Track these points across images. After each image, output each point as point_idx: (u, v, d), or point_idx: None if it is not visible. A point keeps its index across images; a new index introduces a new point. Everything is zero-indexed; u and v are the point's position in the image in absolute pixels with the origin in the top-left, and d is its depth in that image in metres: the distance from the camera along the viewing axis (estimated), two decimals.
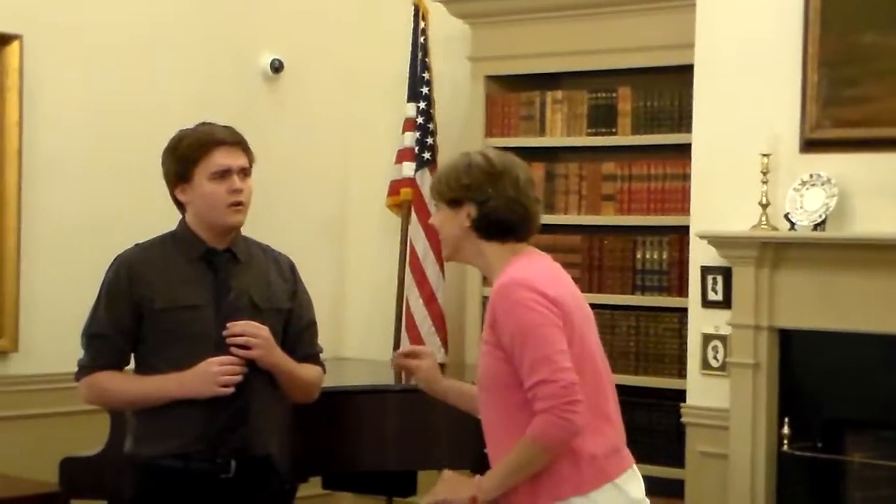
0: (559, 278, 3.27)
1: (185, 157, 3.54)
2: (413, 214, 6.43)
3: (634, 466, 3.27)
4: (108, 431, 4.63)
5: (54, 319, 5.67)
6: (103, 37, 5.92)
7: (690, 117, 5.54)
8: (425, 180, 6.37)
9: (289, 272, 3.72)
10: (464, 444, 4.80)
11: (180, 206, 3.62)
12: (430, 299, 6.34)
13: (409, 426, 4.83)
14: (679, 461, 5.53)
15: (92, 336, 3.57)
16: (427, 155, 6.42)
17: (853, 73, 5.10)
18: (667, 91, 5.88)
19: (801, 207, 5.09)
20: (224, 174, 3.52)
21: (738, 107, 5.32)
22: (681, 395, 5.55)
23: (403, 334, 6.34)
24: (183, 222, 3.63)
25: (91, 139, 5.87)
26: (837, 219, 5.04)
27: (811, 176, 5.09)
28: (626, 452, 3.26)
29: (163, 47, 6.15)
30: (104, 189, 5.89)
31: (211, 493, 3.51)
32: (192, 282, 3.54)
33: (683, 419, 5.51)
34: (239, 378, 3.47)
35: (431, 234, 6.38)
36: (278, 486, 3.71)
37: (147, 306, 3.49)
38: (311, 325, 3.76)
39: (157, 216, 6.09)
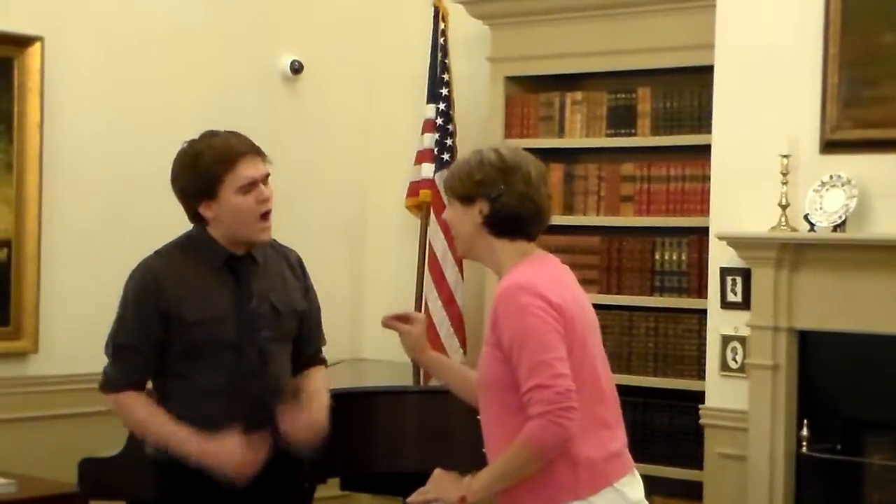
0: (564, 283, 3.26)
1: (208, 173, 3.49)
2: (432, 216, 6.43)
3: (635, 471, 3.26)
4: (127, 432, 4.63)
5: (74, 321, 5.68)
6: (124, 39, 5.93)
7: (710, 118, 5.53)
8: None
9: (298, 268, 3.74)
10: (482, 446, 4.81)
11: (199, 220, 3.58)
12: (448, 300, 6.34)
13: (428, 427, 4.83)
14: (698, 463, 5.52)
15: (119, 346, 3.55)
16: (446, 156, 6.42)
17: (874, 74, 5.08)
18: (687, 92, 5.86)
19: (821, 208, 5.08)
20: (251, 186, 3.51)
21: (758, 108, 5.31)
22: (699, 396, 5.53)
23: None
24: (201, 229, 3.60)
25: (111, 141, 5.88)
26: (857, 220, 5.03)
27: (831, 177, 5.07)
28: (627, 457, 3.24)
29: (183, 50, 6.17)
30: (124, 191, 5.91)
31: (233, 492, 3.51)
32: (217, 291, 3.54)
33: (702, 421, 5.49)
34: (257, 470, 3.47)
35: (450, 236, 6.37)
36: (299, 484, 3.73)
37: (175, 317, 3.48)
38: (320, 321, 3.79)
39: (177, 219, 6.14)
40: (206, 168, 3.49)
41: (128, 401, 3.54)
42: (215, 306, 3.51)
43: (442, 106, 6.46)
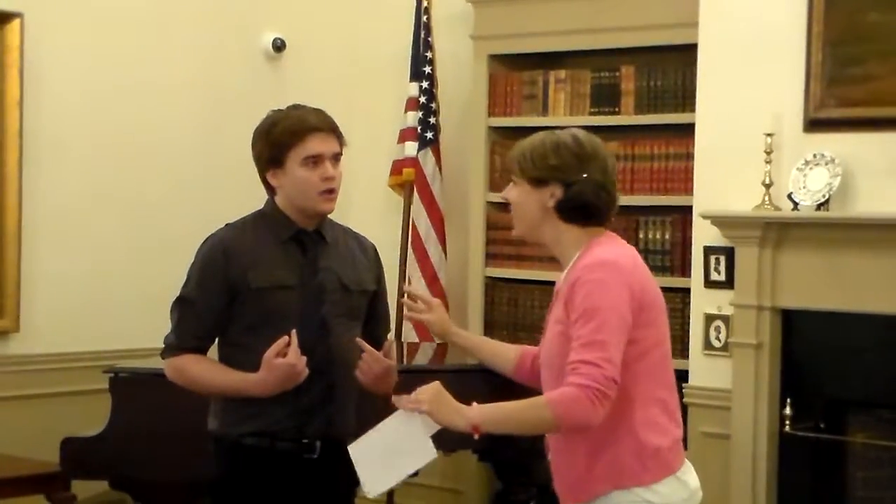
0: (641, 266, 3.22)
1: (279, 142, 3.54)
2: (415, 194, 6.41)
3: (687, 460, 3.27)
4: (109, 412, 4.62)
5: (56, 300, 5.67)
6: (104, 15, 5.90)
7: (694, 97, 5.52)
8: (428, 160, 6.37)
9: (372, 255, 3.77)
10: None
11: (269, 188, 3.63)
12: (432, 279, 6.33)
13: None
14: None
15: (182, 315, 3.56)
16: (429, 134, 6.40)
17: (858, 53, 5.07)
18: (670, 70, 5.85)
19: (805, 187, 5.08)
20: (316, 160, 3.55)
21: (741, 86, 5.30)
22: (683, 375, 5.53)
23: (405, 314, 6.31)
24: (271, 202, 3.63)
25: (92, 118, 5.86)
26: (841, 198, 5.03)
27: (815, 155, 5.07)
28: (682, 445, 3.25)
29: (165, 26, 6.13)
30: (105, 168, 5.88)
31: (295, 472, 3.53)
32: (284, 262, 3.56)
33: (685, 399, 5.48)
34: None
35: (434, 214, 6.36)
36: (348, 468, 3.75)
37: (242, 286, 3.51)
38: (387, 310, 3.85)
39: (158, 195, 6.12)
40: (277, 137, 3.55)
41: (179, 362, 3.57)
42: (281, 276, 3.53)
43: (425, 84, 6.43)
